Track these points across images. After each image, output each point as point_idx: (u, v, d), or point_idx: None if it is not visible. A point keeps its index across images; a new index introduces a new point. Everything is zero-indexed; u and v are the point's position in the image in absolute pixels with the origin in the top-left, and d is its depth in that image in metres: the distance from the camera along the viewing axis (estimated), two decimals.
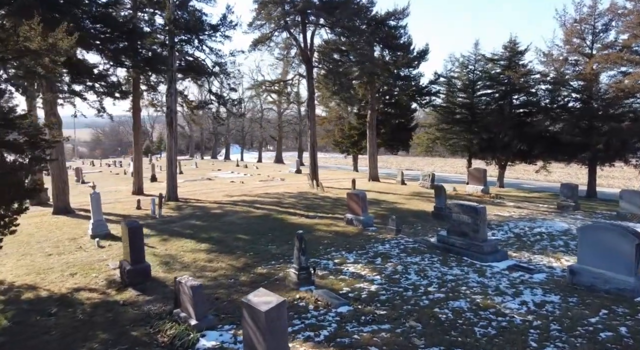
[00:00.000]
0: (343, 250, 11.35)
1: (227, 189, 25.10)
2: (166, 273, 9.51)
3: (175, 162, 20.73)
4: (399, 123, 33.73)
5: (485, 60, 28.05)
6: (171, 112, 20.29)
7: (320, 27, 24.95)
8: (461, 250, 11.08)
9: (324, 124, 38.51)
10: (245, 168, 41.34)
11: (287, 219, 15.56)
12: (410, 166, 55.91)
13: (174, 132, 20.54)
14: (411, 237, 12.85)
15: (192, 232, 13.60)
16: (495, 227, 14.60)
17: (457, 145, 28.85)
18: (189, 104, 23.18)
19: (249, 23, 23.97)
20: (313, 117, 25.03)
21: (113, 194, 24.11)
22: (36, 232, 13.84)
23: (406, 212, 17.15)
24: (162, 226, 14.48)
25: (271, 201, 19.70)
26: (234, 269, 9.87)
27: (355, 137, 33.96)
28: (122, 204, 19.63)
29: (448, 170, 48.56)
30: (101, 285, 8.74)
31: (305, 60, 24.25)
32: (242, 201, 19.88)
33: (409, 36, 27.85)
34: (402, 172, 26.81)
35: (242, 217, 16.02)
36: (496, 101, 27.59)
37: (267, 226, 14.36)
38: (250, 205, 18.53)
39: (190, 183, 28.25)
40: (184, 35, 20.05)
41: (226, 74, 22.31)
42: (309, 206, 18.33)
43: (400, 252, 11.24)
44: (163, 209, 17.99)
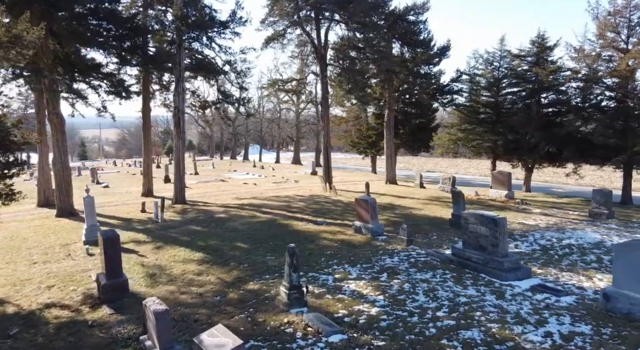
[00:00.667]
0: (346, 264, 10.32)
1: (238, 191, 24.40)
2: (149, 288, 8.72)
3: (182, 163, 20.12)
4: (420, 123, 32.33)
5: (511, 57, 26.44)
6: (179, 112, 19.68)
7: (335, 24, 23.96)
8: (478, 266, 9.90)
9: (341, 124, 37.46)
10: (261, 169, 40.71)
11: (293, 226, 14.64)
12: (433, 168, 54.20)
13: (182, 132, 19.92)
14: (424, 249, 11.71)
15: (190, 239, 12.84)
16: (518, 237, 13.29)
17: (481, 147, 27.34)
18: (198, 104, 22.52)
19: (262, 20, 23.22)
20: (327, 117, 24.05)
21: (124, 196, 23.78)
22: (32, 236, 13.38)
23: (421, 219, 15.97)
24: (160, 232, 13.79)
25: (279, 205, 18.82)
26: (224, 283, 9.00)
27: (373, 137, 32.77)
28: (127, 207, 19.15)
29: (472, 172, 46.73)
30: (76, 300, 8.01)
31: (319, 57, 23.29)
32: (249, 205, 19.09)
33: (429, 32, 26.56)
34: (420, 175, 25.52)
35: (246, 222, 15.19)
36: (523, 100, 25.96)
37: (269, 233, 13.47)
38: (257, 209, 17.71)
39: (203, 184, 27.73)
40: (192, 33, 19.39)
41: (236, 72, 21.57)
42: (318, 211, 17.36)
43: (410, 267, 10.13)
44: (168, 212, 17.39)
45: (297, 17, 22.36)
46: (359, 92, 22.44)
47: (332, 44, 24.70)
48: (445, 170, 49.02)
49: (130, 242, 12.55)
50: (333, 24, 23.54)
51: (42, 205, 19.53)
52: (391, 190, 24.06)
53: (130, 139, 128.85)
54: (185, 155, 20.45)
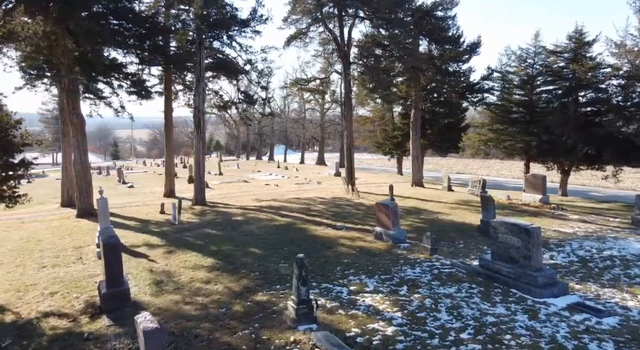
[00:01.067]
0: (363, 274, 9.63)
1: (259, 192, 24.04)
2: (153, 296, 8.31)
3: (202, 164, 19.89)
4: (448, 123, 31.13)
5: (546, 53, 24.99)
6: (199, 113, 19.45)
7: (359, 20, 23.21)
8: (508, 280, 9.01)
9: (366, 124, 36.62)
10: (285, 170, 40.36)
11: (311, 230, 14.04)
12: (463, 169, 52.51)
13: (202, 133, 19.70)
14: (449, 259, 10.87)
15: (203, 243, 12.44)
16: (554, 247, 12.23)
17: (513, 148, 25.98)
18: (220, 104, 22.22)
19: (284, 18, 22.74)
20: (349, 117, 23.34)
21: (147, 196, 23.83)
22: (47, 237, 13.32)
23: (448, 225, 15.06)
24: (175, 235, 13.47)
25: (299, 208, 18.27)
26: (231, 294, 8.49)
27: (399, 138, 31.79)
28: (148, 208, 19.04)
29: (504, 175, 44.93)
30: (77, 309, 7.68)
31: (342, 56, 22.61)
32: (269, 207, 18.63)
33: (458, 28, 25.41)
34: (448, 177, 24.43)
35: (263, 226, 14.70)
36: (559, 99, 24.48)
37: (285, 238, 12.92)
38: (276, 212, 17.22)
39: (225, 185, 27.56)
40: (212, 31, 19.11)
41: (257, 71, 21.18)
42: (338, 215, 16.70)
43: (432, 280, 9.35)
44: (186, 214, 17.16)
45: (319, 14, 21.76)
46: (383, 90, 21.63)
47: (356, 41, 23.98)
48: (476, 172, 47.34)
49: (143, 245, 12.28)
50: (357, 20, 22.82)
51: (65, 205, 19.71)
52: (417, 193, 23.12)
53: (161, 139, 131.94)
54: (205, 156, 20.22)
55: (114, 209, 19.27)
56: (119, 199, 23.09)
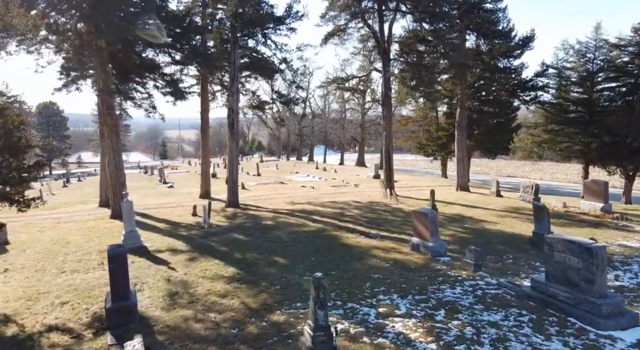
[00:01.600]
0: (395, 293, 8.60)
1: (294, 194, 23.39)
2: (164, 311, 7.73)
3: (236, 166, 19.48)
4: (498, 123, 29.18)
5: (609, 47, 22.71)
6: (233, 113, 19.05)
7: (401, 15, 21.98)
8: (566, 307, 7.69)
9: (408, 125, 35.13)
10: (323, 171, 39.59)
11: (342, 238, 13.13)
12: (513, 172, 49.58)
13: (236, 134, 19.28)
14: (495, 277, 9.60)
15: (228, 250, 11.85)
16: (619, 265, 10.61)
17: (570, 150, 23.81)
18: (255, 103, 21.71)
19: (322, 14, 21.95)
20: (389, 117, 22.15)
21: (183, 197, 23.83)
22: (76, 239, 13.24)
23: (495, 236, 13.64)
24: (201, 240, 13.00)
25: (333, 212, 17.39)
26: (247, 311, 7.76)
27: (443, 139, 30.14)
28: (181, 209, 18.86)
29: (559, 179, 41.84)
30: (83, 323, 7.22)
31: (382, 52, 21.48)
32: (301, 210, 17.89)
33: (508, 20, 23.64)
34: (497, 182, 22.65)
35: (292, 232, 13.96)
36: (622, 97, 22.16)
37: (314, 247, 12.09)
38: (308, 217, 16.44)
39: (261, 186, 27.18)
40: (247, 29, 18.63)
41: (293, 70, 20.52)
42: (373, 221, 15.66)
43: (475, 303, 8.17)
44: (217, 216, 16.78)
45: (358, 9, 20.79)
46: (426, 88, 20.29)
47: (397, 37, 22.79)
48: (528, 176, 44.45)
49: (167, 250, 11.86)
50: (398, 15, 21.61)
51: (103, 205, 19.96)
52: (462, 198, 21.58)
53: None
54: (238, 157, 19.80)
55: (149, 209, 19.33)
56: (156, 199, 23.25)
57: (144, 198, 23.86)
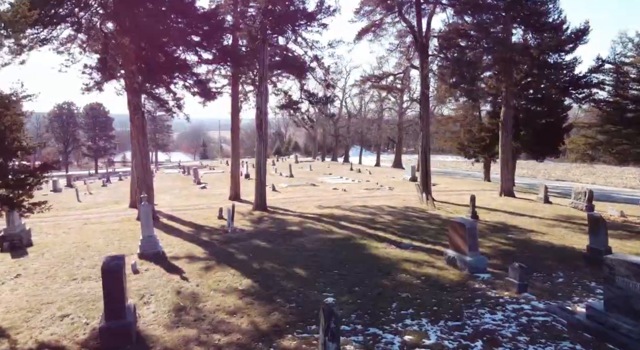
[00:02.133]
0: (425, 317, 7.51)
1: (325, 197, 22.51)
2: (166, 329, 7.04)
3: (264, 168, 18.85)
4: (546, 123, 27.00)
5: None
6: (261, 114, 18.44)
7: (441, 8, 20.57)
8: (629, 342, 6.35)
9: (448, 125, 33.38)
10: (357, 173, 38.47)
11: (370, 248, 12.10)
12: (563, 175, 46.39)
13: (264, 135, 18.65)
14: (543, 300, 8.29)
15: (247, 258, 11.13)
16: None
17: (628, 153, 21.48)
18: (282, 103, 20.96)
19: (356, 10, 20.97)
20: (426, 116, 20.81)
21: (214, 198, 23.54)
22: (98, 242, 12.97)
23: (543, 250, 12.16)
24: (221, 246, 12.38)
25: (363, 218, 16.36)
26: (255, 333, 6.94)
27: (486, 140, 28.26)
28: (209, 212, 18.44)
29: (614, 183, 38.60)
30: (78, 341, 6.64)
31: (420, 48, 20.20)
32: (330, 215, 16.99)
33: (560, 12, 21.69)
34: (545, 187, 20.76)
35: (317, 239, 13.08)
36: None
37: (339, 257, 11.14)
38: (336, 223, 15.51)
39: (292, 188, 26.51)
40: (277, 26, 17.96)
41: (324, 68, 19.65)
42: (406, 229, 14.50)
43: (519, 333, 6.95)
44: (243, 220, 16.24)
45: (395, 2, 19.63)
46: (467, 85, 18.80)
47: (436, 32, 21.39)
48: (579, 180, 41.39)
49: (184, 257, 11.30)
50: (437, 8, 20.27)
51: (133, 206, 19.89)
52: (506, 204, 19.92)
53: (246, 140, 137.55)
54: (266, 159, 19.19)
55: (177, 211, 19.06)
56: (187, 200, 23.07)
57: (175, 199, 23.77)
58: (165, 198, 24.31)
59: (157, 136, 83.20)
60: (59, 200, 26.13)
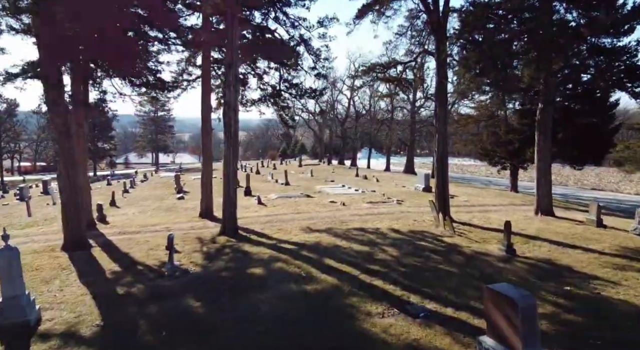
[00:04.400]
0: None
1: (318, 214, 18.26)
2: None
3: (233, 179, 14.71)
4: (589, 124, 22.39)
5: None
6: (229, 110, 14.30)
7: None
8: None
9: (468, 125, 28.75)
10: (363, 180, 34.08)
11: (360, 316, 7.81)
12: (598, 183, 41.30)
13: (233, 138, 14.49)
14: None
15: (156, 341, 6.96)
16: None
17: None
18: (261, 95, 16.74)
19: None
20: (443, 115, 16.41)
21: (185, 213, 19.52)
22: None
23: (627, 318, 7.73)
24: (131, 309, 8.22)
25: (358, 252, 12.05)
26: None
27: (515, 143, 23.73)
28: (162, 236, 14.26)
29: None
30: None
31: (435, 28, 15.85)
32: (315, 245, 12.75)
33: None
34: (597, 207, 16.08)
35: (284, 295, 8.84)
36: None
37: (307, 341, 6.89)
38: (319, 260, 11.26)
39: (282, 201, 22.30)
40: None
41: (314, 54, 15.44)
42: (416, 275, 10.15)
43: None
44: (196, 253, 12.14)
45: None
46: (497, 74, 14.34)
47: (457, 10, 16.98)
48: (617, 188, 36.42)
49: (61, 333, 7.18)
50: None
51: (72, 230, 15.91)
52: (547, 229, 15.40)
53: (255, 141, 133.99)
54: (236, 168, 14.98)
55: (126, 235, 15.09)
56: (151, 216, 19.03)
57: (140, 214, 19.80)
58: (129, 213, 20.37)
59: (159, 137, 79.95)
60: (6, 213, 22.42)
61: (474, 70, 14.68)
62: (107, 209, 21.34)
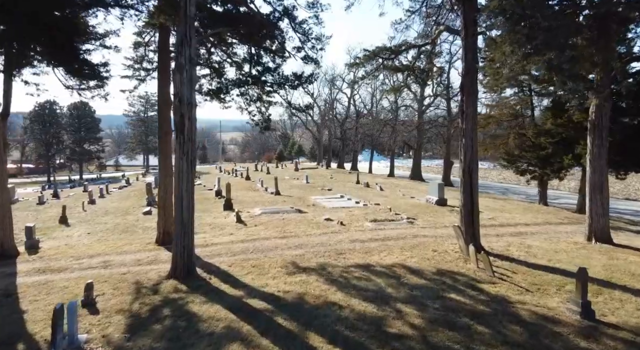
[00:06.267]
0: None
1: (308, 240, 14.23)
2: None
3: (189, 198, 10.66)
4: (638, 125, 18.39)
5: None
6: (181, 105, 10.31)
7: None
8: None
9: (488, 127, 24.63)
10: (365, 188, 30.01)
11: None
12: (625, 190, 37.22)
13: (186, 141, 10.46)
14: None
15: None
16: None
17: None
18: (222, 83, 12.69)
19: None
20: (472, 111, 12.41)
21: (138, 239, 15.42)
22: None
23: None
24: None
25: (361, 316, 7.98)
26: None
27: (548, 148, 19.70)
28: (77, 286, 10.20)
29: None
30: None
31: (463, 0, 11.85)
32: (299, 300, 8.71)
33: None
34: None
35: None
36: None
37: None
38: (303, 333, 7.24)
39: (267, 218, 18.27)
40: None
41: (301, 31, 11.43)
42: None
43: None
44: (117, 316, 8.10)
45: None
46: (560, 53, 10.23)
47: None
48: None
49: None
50: None
51: None
52: (616, 267, 11.37)
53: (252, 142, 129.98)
54: (192, 180, 10.86)
55: (47, 272, 11.01)
56: (98, 242, 14.99)
57: (86, 237, 15.79)
58: (75, 235, 16.36)
59: (149, 139, 75.92)
60: None
61: (521, 48, 10.59)
62: (52, 229, 17.43)
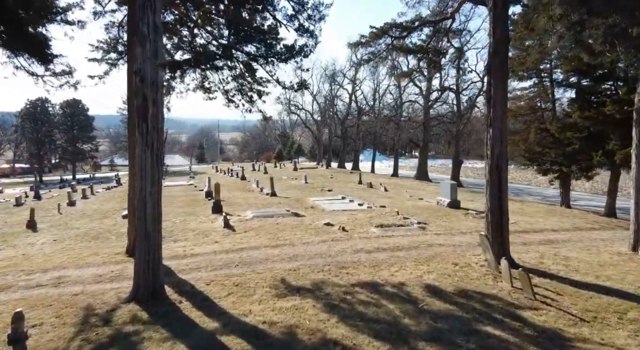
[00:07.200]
0: None
1: (305, 250, 12.14)
2: None
3: (155, 197, 8.60)
4: None
5: None
6: (143, 84, 8.24)
7: None
8: None
9: None
10: (368, 188, 27.93)
11: None
12: None
13: (150, 132, 8.39)
14: None
15: None
16: None
17: None
18: None
19: None
20: (502, 96, 10.37)
21: (105, 249, 13.37)
22: None
23: None
24: None
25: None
26: None
27: (575, 144, 17.62)
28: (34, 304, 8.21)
29: None
30: None
31: None
32: (289, 336, 6.62)
33: None
34: None
35: None
36: None
37: None
38: None
39: (258, 222, 16.20)
40: None
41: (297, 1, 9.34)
42: None
43: None
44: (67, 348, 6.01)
45: None
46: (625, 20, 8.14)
47: None
48: None
49: None
50: None
51: None
52: None
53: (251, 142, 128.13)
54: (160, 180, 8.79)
55: None
56: (61, 251, 12.95)
57: (51, 245, 13.74)
58: (39, 242, 14.33)
59: None
60: None
61: (580, 17, 8.44)
62: (15, 236, 15.47)
